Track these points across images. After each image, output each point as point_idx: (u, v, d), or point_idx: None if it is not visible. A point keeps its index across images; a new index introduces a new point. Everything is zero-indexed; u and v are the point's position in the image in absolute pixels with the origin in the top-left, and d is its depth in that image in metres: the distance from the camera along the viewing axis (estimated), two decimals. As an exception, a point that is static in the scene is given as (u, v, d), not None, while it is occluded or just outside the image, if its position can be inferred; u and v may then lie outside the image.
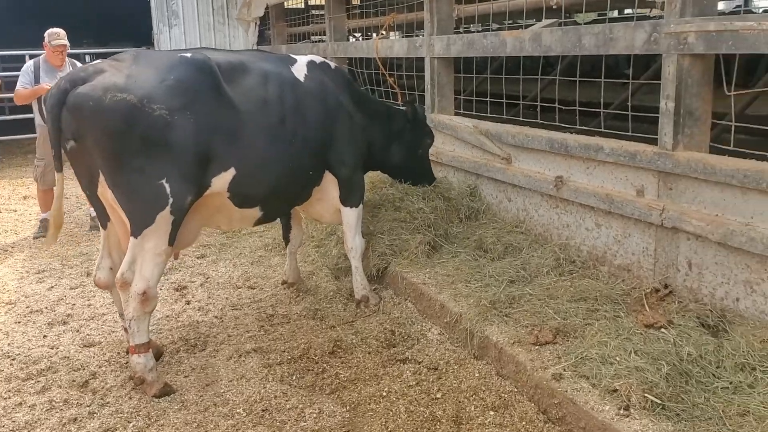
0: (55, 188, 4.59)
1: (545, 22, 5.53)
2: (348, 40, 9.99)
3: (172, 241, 4.24)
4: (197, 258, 7.00)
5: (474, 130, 6.27)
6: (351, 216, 5.35)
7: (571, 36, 4.98)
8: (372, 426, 3.85)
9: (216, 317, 5.47)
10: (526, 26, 7.22)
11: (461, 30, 8.54)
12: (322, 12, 11.14)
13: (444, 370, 4.38)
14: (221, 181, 4.39)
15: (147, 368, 4.26)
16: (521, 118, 6.28)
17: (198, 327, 5.27)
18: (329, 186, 5.27)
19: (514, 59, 7.69)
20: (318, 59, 5.33)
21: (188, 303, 5.81)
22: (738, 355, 3.49)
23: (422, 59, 7.14)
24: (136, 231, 4.14)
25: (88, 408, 4.11)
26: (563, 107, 5.55)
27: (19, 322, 5.52)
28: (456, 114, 7.09)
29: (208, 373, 4.53)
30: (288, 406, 4.08)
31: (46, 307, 5.80)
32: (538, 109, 5.71)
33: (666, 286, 4.44)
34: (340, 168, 5.20)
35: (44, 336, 5.23)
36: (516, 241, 5.56)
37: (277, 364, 4.55)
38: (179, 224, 4.24)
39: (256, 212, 4.82)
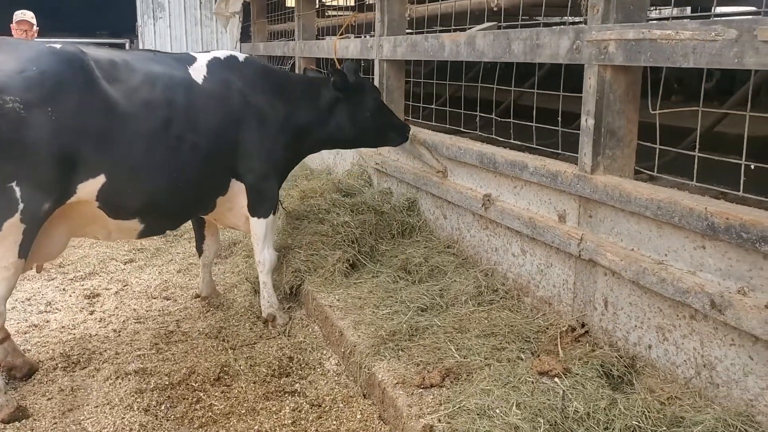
0: None
1: (484, 25, 5.06)
2: (317, 39, 9.56)
3: (23, 254, 3.80)
4: (123, 263, 6.60)
5: (412, 139, 5.80)
6: (259, 227, 4.90)
7: (501, 41, 4.51)
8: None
9: (114, 330, 5.06)
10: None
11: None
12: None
13: (328, 408, 3.93)
14: (88, 188, 3.95)
15: None
16: (468, 131, 5.79)
17: (90, 341, 4.86)
18: (239, 194, 4.81)
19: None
20: (224, 54, 4.87)
21: (91, 313, 5.40)
22: (630, 416, 3.00)
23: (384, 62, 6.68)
24: None
25: None
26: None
27: None
28: (406, 120, 6.63)
29: (76, 396, 4.11)
30: (142, 446, 3.64)
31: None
32: (473, 119, 5.25)
33: (583, 325, 3.96)
34: (247, 175, 4.73)
35: None
36: (443, 263, 5.09)
37: (151, 390, 4.11)
38: (33, 234, 3.81)
39: (135, 224, 4.36)
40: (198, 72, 4.58)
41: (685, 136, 5.15)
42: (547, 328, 4.10)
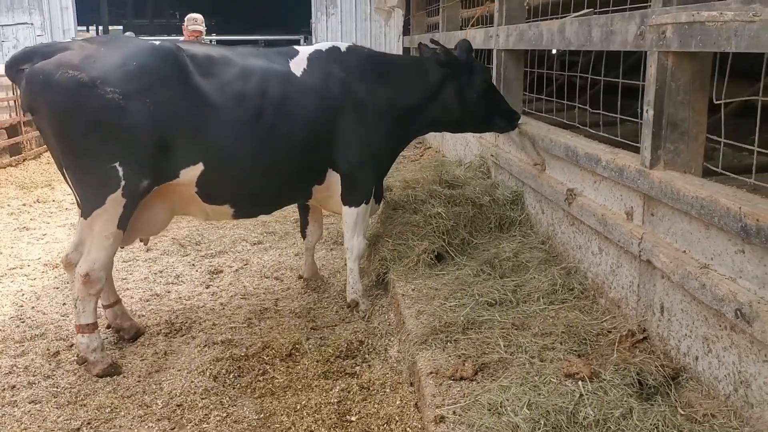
0: None
1: (581, 12, 4.81)
2: (460, 29, 9.55)
3: (122, 225, 4.29)
4: (251, 244, 7.11)
5: (518, 131, 5.68)
6: (350, 216, 5.06)
7: (584, 28, 4.31)
8: (264, 439, 3.64)
9: (221, 304, 5.51)
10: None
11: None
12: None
13: (375, 391, 4.02)
14: (190, 174, 4.35)
15: (90, 348, 4.38)
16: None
17: (197, 311, 5.35)
18: (337, 183, 5.00)
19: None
20: (326, 46, 4.97)
21: (208, 287, 5.92)
22: (642, 429, 2.79)
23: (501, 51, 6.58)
24: (86, 212, 4.24)
25: (32, 378, 4.33)
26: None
27: (56, 288, 5.98)
28: (525, 113, 6.48)
29: (166, 360, 4.56)
30: (200, 404, 3.98)
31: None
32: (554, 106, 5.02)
33: (644, 330, 3.70)
34: (342, 165, 4.88)
35: (63, 304, 5.61)
36: (530, 260, 4.97)
37: (226, 359, 4.45)
38: (132, 209, 4.28)
39: (226, 209, 4.70)
40: (298, 65, 4.74)
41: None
42: (610, 332, 3.89)
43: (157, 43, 4.38)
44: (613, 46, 3.92)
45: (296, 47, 5.03)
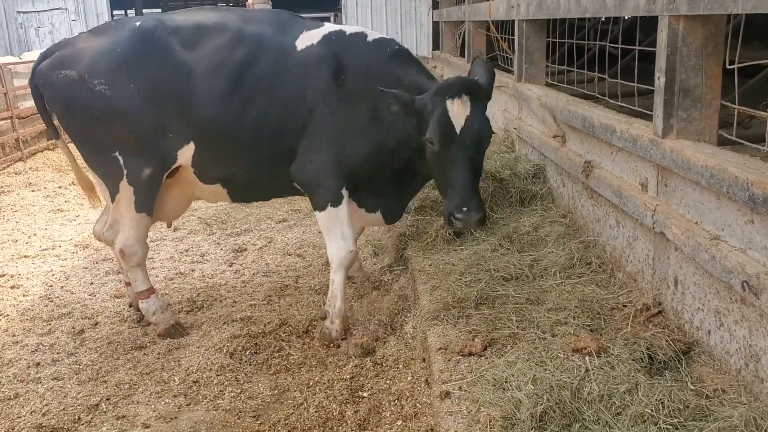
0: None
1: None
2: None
3: (142, 209, 4.38)
4: (277, 222, 7.16)
5: (538, 102, 5.57)
6: (318, 219, 4.47)
7: (598, -6, 4.18)
8: (276, 415, 3.68)
9: (243, 281, 5.58)
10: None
11: None
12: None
13: (387, 367, 4.04)
14: (185, 155, 4.33)
15: (150, 311, 4.62)
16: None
17: (219, 289, 5.42)
18: None
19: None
20: (353, 30, 4.43)
21: (231, 265, 5.99)
22: (646, 404, 2.73)
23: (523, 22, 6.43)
24: (111, 197, 4.41)
25: (56, 355, 4.45)
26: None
27: (85, 268, 6.12)
28: (549, 85, 6.35)
29: (188, 337, 4.63)
30: (215, 381, 4.04)
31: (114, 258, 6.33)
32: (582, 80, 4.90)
33: (659, 304, 3.62)
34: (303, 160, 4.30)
35: (91, 283, 5.73)
36: (549, 234, 4.88)
37: (244, 336, 4.51)
38: (145, 194, 4.34)
39: (220, 189, 4.54)
40: (306, 40, 4.28)
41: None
42: (625, 306, 3.82)
43: (138, 23, 4.33)
44: (626, 12, 3.81)
45: (325, 23, 4.56)
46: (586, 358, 3.13)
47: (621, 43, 4.63)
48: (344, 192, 4.33)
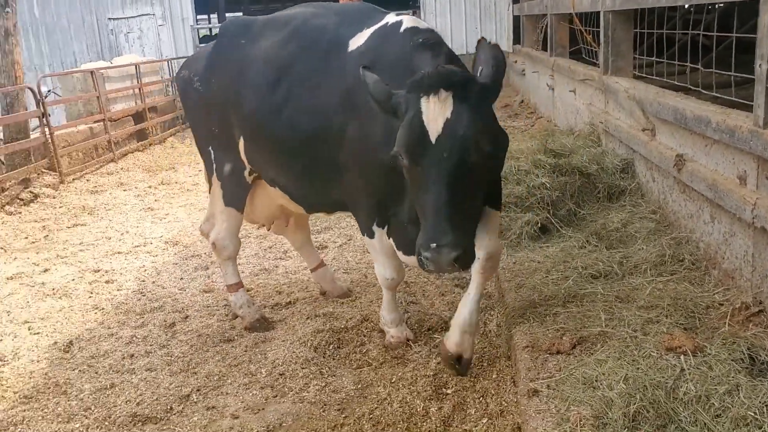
0: None
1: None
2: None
3: (229, 203, 4.54)
4: (357, 220, 7.19)
5: (626, 95, 5.41)
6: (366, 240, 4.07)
7: (693, -20, 4.01)
8: (361, 409, 3.69)
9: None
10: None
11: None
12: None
13: (472, 366, 3.98)
14: (242, 151, 4.33)
15: (237, 305, 4.79)
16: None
17: (300, 285, 5.49)
18: None
19: None
20: (396, 19, 3.72)
21: (312, 262, 6.04)
22: (749, 407, 2.60)
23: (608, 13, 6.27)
24: (209, 190, 4.65)
25: (149, 347, 4.60)
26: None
27: (175, 264, 6.32)
28: (637, 77, 6.16)
29: (274, 331, 4.72)
30: (301, 374, 4.09)
31: (205, 253, 6.52)
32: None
33: (759, 303, 3.45)
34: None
35: (181, 278, 5.92)
36: (639, 230, 4.74)
37: (327, 331, 4.53)
38: (230, 189, 4.48)
39: (280, 193, 4.29)
40: (360, 38, 3.76)
41: None
42: (722, 304, 3.66)
43: (228, 22, 4.64)
44: (723, -2, 3.63)
45: (392, 15, 3.89)
46: (681, 357, 3.01)
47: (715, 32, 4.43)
48: (375, 227, 3.81)
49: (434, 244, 2.72)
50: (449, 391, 3.77)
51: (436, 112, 2.78)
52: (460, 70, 2.97)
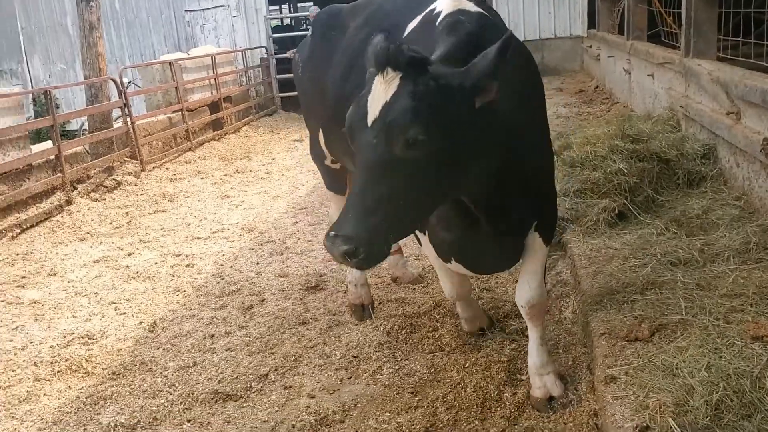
0: None
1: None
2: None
3: (331, 188, 4.75)
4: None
5: (709, 77, 5.23)
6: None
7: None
8: (434, 393, 3.72)
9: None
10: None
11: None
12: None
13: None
14: (321, 142, 4.45)
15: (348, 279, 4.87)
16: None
17: (373, 271, 5.51)
18: None
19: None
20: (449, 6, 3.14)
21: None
22: (842, 399, 2.50)
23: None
24: None
25: (228, 328, 4.75)
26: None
27: (251, 249, 6.48)
28: (720, 59, 5.95)
29: (345, 315, 4.79)
30: (374, 357, 4.16)
31: (279, 239, 6.66)
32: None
33: None
34: None
35: (257, 263, 6.07)
36: (721, 217, 4.60)
37: (399, 315, 4.61)
38: (330, 174, 4.63)
39: None
40: (412, 23, 3.50)
41: None
42: (815, 293, 3.51)
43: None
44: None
45: None
46: (769, 346, 2.91)
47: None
48: (419, 234, 3.54)
49: (332, 232, 2.48)
50: (523, 378, 3.76)
51: (379, 93, 2.49)
52: (417, 50, 2.52)
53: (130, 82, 14.61)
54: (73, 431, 3.73)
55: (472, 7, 3.07)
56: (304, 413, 3.66)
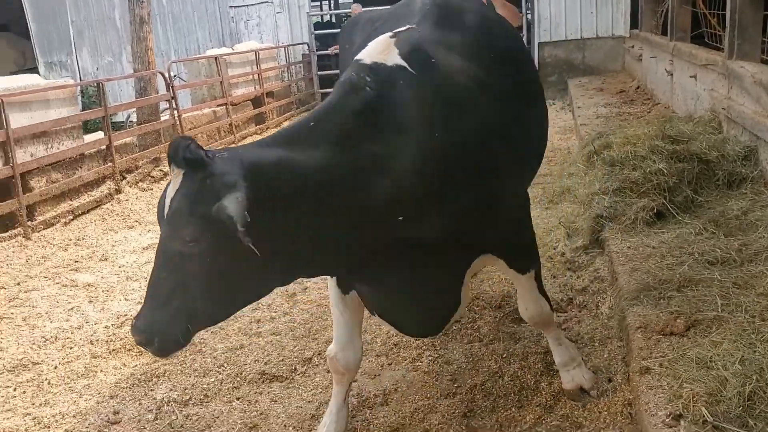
0: None
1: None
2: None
3: None
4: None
5: (752, 80, 5.27)
6: None
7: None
8: (473, 381, 3.86)
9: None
10: None
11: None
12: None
13: (582, 344, 4.06)
14: None
15: None
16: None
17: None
18: None
19: None
20: None
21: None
22: None
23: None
24: None
25: (273, 314, 4.95)
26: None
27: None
28: (764, 61, 5.96)
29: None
30: (414, 345, 4.30)
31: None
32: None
33: None
34: None
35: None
36: (761, 218, 4.62)
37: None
38: None
39: None
40: None
41: None
42: None
43: None
44: None
45: None
46: (805, 341, 2.99)
47: None
48: None
49: (133, 320, 2.54)
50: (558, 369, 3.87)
51: (171, 188, 2.46)
52: (197, 147, 2.41)
53: (175, 76, 14.96)
54: (128, 405, 3.95)
55: (393, 59, 2.80)
56: (347, 395, 3.83)
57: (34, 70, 16.80)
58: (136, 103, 10.44)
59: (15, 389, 4.24)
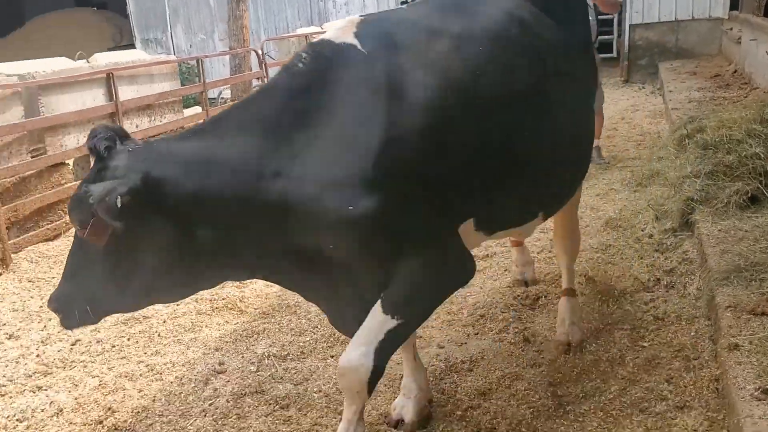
0: None
1: None
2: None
3: None
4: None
5: None
6: None
7: None
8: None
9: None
10: None
11: None
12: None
13: (669, 322, 4.11)
14: None
15: None
16: None
17: (496, 246, 5.76)
18: None
19: None
20: None
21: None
22: None
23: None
24: None
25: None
26: None
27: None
28: None
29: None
30: (500, 317, 4.46)
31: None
32: None
33: None
34: None
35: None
36: None
37: (523, 282, 4.86)
38: None
39: None
40: None
41: None
42: None
43: None
44: None
45: None
46: None
47: None
48: None
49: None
50: (646, 344, 3.94)
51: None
52: (102, 138, 2.56)
53: (265, 54, 15.40)
54: (231, 357, 4.26)
55: (345, 37, 2.66)
56: (434, 360, 4.02)
57: (129, 46, 17.56)
58: (231, 79, 10.87)
59: (129, 339, 4.62)
